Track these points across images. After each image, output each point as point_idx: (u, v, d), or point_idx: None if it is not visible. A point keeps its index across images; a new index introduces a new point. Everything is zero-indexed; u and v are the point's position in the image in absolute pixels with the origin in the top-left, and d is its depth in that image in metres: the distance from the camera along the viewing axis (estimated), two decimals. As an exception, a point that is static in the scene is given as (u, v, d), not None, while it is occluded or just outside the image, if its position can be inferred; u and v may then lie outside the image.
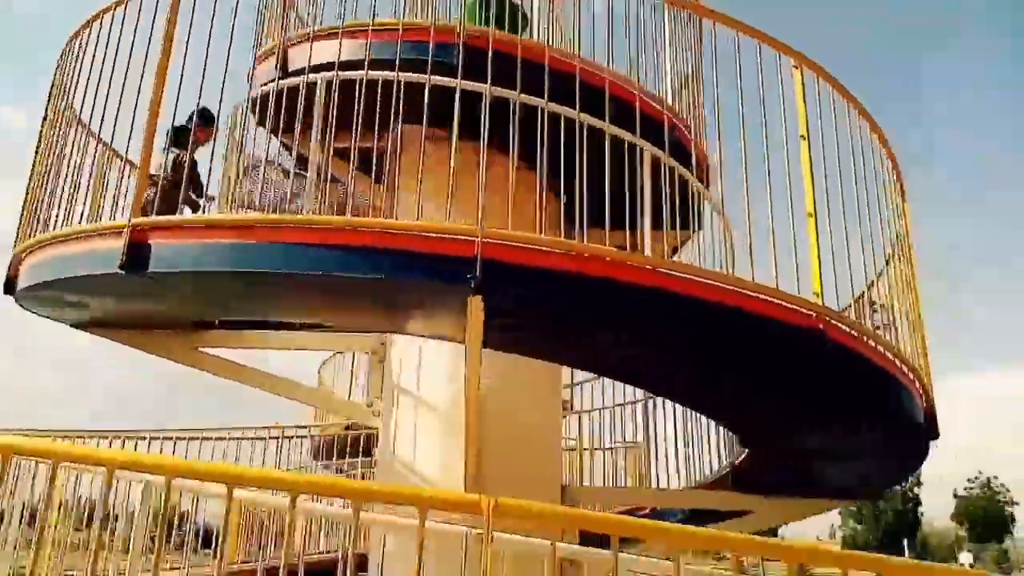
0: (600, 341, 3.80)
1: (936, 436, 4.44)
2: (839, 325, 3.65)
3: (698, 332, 3.50)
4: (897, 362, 4.03)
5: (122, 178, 4.73)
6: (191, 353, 5.81)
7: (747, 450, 5.02)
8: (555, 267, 3.30)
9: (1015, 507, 59.19)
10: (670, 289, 3.33)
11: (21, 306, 4.94)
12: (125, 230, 3.69)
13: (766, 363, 3.73)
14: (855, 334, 3.76)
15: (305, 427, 9.95)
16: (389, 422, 5.70)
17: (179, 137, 5.38)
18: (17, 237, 4.83)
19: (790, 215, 3.76)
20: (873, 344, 3.86)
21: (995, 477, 59.53)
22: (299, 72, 4.43)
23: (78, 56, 4.67)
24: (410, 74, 4.17)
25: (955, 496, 60.30)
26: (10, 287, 4.71)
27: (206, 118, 5.14)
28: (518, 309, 3.52)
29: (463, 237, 3.33)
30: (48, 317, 5.27)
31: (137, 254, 3.66)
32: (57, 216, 4.57)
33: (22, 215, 4.94)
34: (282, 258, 3.47)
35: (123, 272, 3.67)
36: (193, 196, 5.69)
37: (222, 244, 3.54)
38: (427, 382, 5.49)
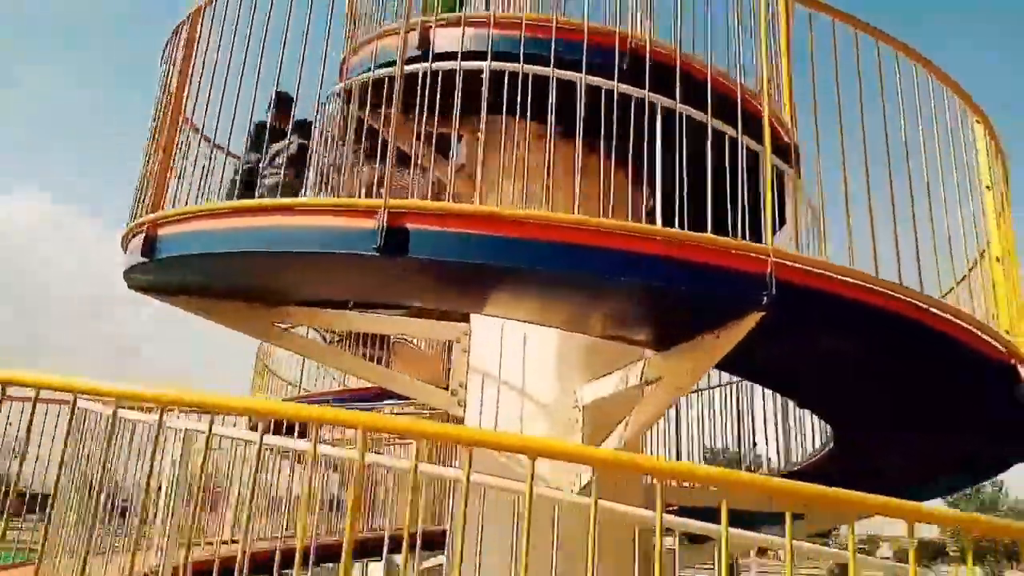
0: (844, 373, 4.05)
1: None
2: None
3: (931, 366, 3.83)
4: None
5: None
6: (269, 328, 5.59)
7: (843, 455, 5.45)
8: (842, 294, 3.50)
9: None
10: (932, 326, 3.61)
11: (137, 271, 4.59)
12: (381, 211, 3.52)
13: (960, 391, 4.11)
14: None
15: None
16: (475, 413, 5.69)
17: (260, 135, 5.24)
18: (140, 207, 4.52)
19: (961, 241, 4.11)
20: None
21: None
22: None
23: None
24: (505, 63, 4.22)
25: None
26: (150, 251, 4.34)
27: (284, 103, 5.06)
28: (791, 333, 3.67)
29: (753, 254, 3.45)
30: (137, 281, 4.96)
31: (395, 237, 3.51)
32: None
33: (142, 187, 4.72)
34: (561, 258, 3.46)
35: (378, 255, 3.51)
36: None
37: (501, 238, 3.46)
38: (531, 378, 5.53)
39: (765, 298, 3.36)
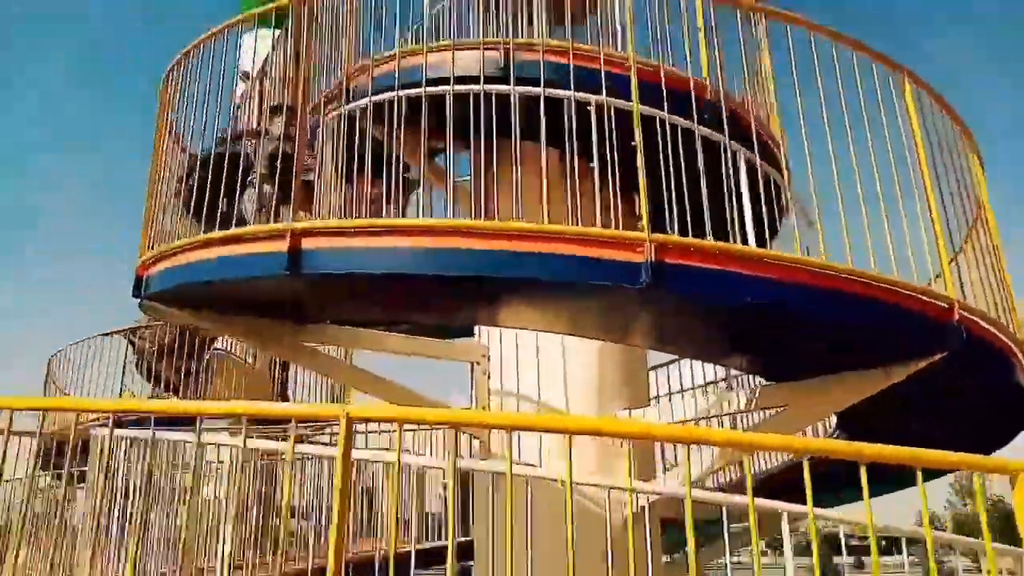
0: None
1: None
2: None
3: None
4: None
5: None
6: (298, 347, 5.11)
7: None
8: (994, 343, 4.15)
9: None
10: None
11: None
12: (647, 245, 3.47)
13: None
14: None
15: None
16: (504, 438, 5.56)
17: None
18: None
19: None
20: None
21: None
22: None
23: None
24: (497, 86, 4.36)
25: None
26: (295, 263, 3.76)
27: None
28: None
29: (938, 302, 3.96)
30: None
31: (660, 272, 3.48)
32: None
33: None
34: (809, 301, 3.69)
35: (642, 288, 3.46)
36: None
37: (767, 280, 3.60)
38: (574, 397, 5.55)
39: (956, 344, 3.89)
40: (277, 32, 6.66)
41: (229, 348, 12.01)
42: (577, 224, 3.94)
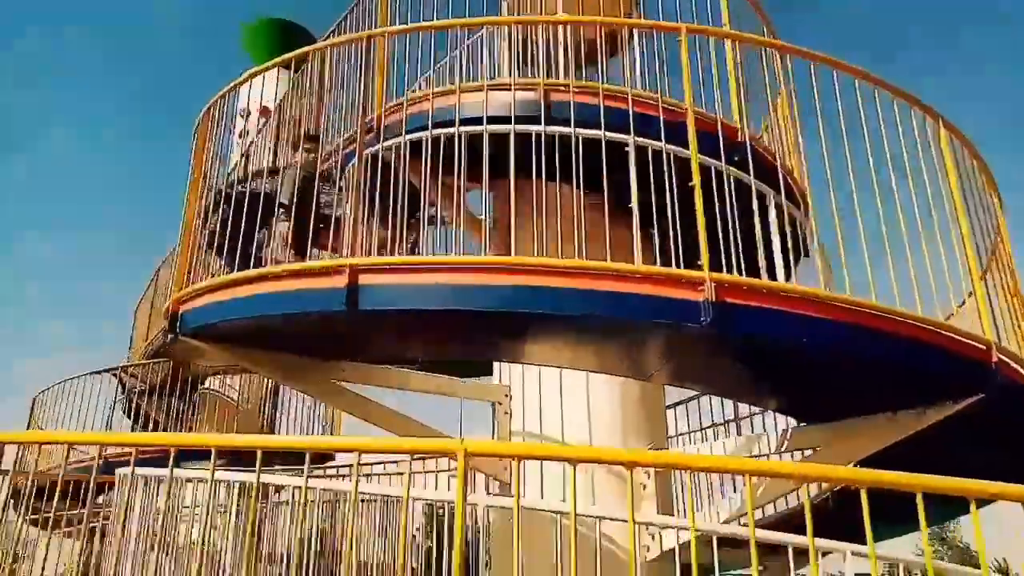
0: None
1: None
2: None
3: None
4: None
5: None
6: (328, 385, 5.09)
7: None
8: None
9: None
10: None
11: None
12: (707, 284, 3.54)
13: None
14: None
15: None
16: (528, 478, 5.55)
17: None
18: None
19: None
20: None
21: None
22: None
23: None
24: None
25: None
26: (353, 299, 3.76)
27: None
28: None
29: (975, 343, 4.07)
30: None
31: (721, 311, 3.54)
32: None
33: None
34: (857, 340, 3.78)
35: (702, 326, 3.52)
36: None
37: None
38: (598, 435, 5.54)
39: (993, 386, 3.98)
40: (292, 74, 6.73)
41: (220, 388, 11.88)
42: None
